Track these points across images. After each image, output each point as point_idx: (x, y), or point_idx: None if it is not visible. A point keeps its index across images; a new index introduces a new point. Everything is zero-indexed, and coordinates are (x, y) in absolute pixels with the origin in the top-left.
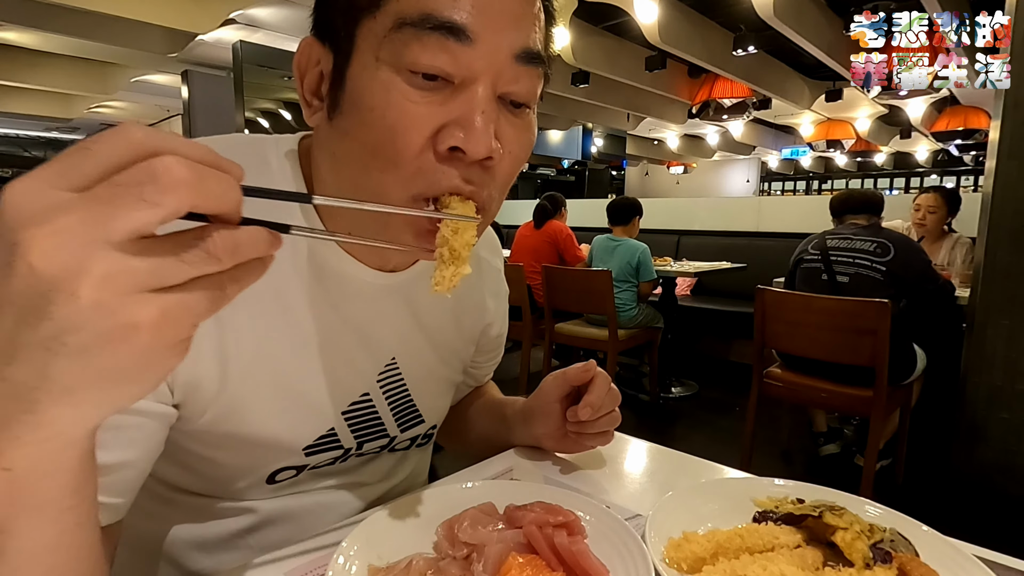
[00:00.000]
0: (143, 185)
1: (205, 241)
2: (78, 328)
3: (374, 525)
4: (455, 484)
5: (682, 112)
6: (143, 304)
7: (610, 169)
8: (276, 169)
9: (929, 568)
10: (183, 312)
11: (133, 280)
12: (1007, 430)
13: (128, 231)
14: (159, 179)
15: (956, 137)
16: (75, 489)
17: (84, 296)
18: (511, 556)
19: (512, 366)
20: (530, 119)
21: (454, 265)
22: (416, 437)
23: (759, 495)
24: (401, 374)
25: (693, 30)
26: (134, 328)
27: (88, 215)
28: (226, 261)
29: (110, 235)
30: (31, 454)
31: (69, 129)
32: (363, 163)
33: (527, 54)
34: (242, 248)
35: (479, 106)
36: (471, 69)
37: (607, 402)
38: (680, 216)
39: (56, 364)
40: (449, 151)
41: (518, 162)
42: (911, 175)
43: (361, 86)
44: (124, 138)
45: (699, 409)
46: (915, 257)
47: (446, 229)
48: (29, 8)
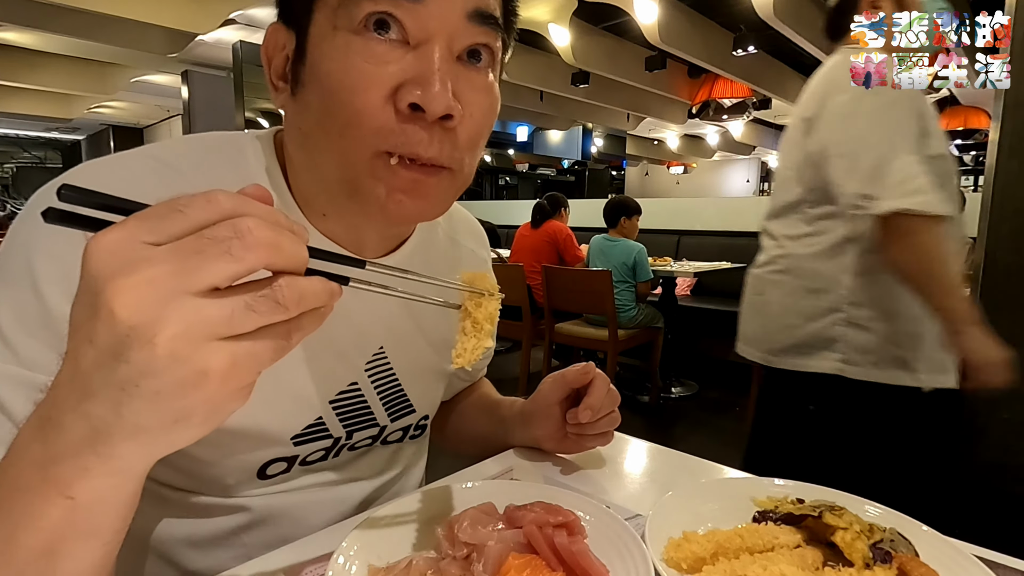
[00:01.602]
0: (230, 240)
1: (274, 292)
2: (153, 374)
3: (374, 525)
4: (455, 484)
5: (682, 112)
6: (214, 352)
7: (610, 169)
8: (253, 161)
9: (929, 568)
10: (250, 360)
11: (207, 329)
12: (1007, 430)
13: (210, 283)
14: (244, 237)
15: (956, 137)
16: (126, 516)
17: (160, 345)
18: (511, 556)
19: (512, 366)
20: (489, 80)
21: (476, 338)
22: (408, 427)
23: (759, 495)
24: (390, 363)
25: (693, 30)
26: (204, 375)
27: (174, 267)
28: (292, 310)
29: (192, 286)
30: (97, 486)
31: (69, 129)
32: (325, 128)
33: (479, 13)
34: (307, 298)
35: (435, 64)
36: (425, 29)
37: (606, 403)
38: (680, 216)
39: (130, 405)
40: (409, 110)
41: (480, 126)
42: None
43: (320, 54)
44: (211, 200)
45: (699, 409)
46: None
47: (469, 302)
48: (29, 8)
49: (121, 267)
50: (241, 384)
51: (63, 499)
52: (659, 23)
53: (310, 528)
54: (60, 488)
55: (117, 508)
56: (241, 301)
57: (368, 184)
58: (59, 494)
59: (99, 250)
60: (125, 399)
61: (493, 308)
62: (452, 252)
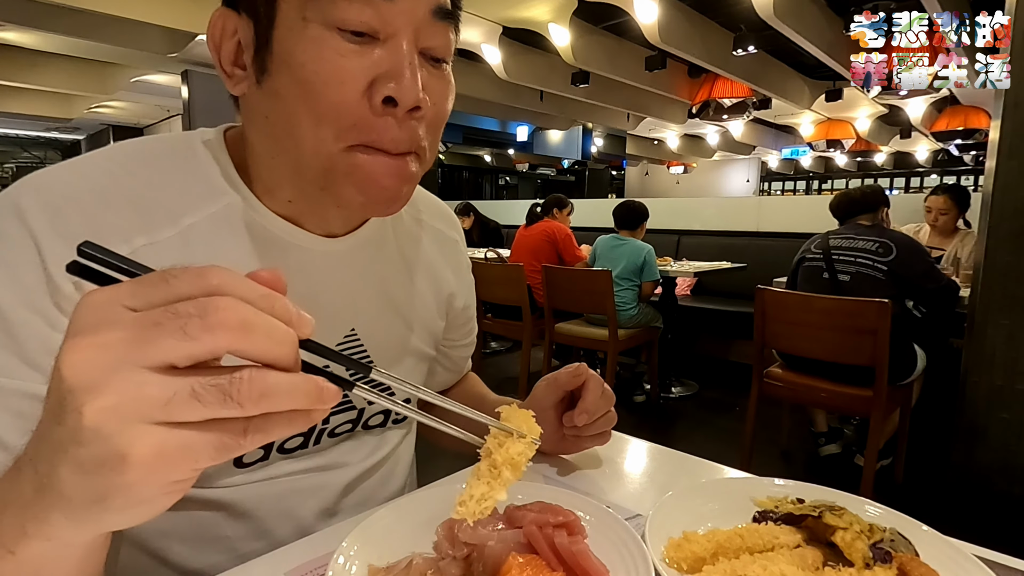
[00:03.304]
0: (190, 318)
1: (230, 382)
2: (77, 443)
3: (374, 525)
4: (455, 484)
5: (682, 112)
6: (140, 436)
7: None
8: (203, 157)
9: (929, 568)
10: (182, 453)
11: (140, 408)
12: (1007, 430)
13: (162, 359)
14: (206, 316)
15: (956, 137)
16: (79, 570)
17: (87, 414)
18: (511, 556)
19: (512, 366)
20: (447, 72)
21: (488, 484)
22: (389, 411)
23: (759, 495)
24: (362, 344)
25: (693, 30)
26: (122, 459)
27: (131, 335)
28: (248, 408)
29: (142, 358)
30: (34, 547)
31: (69, 129)
32: (297, 118)
33: (441, 10)
34: (273, 397)
35: (406, 58)
36: (394, 25)
37: (601, 405)
38: (680, 216)
39: (59, 471)
40: (383, 104)
41: (443, 113)
42: (911, 175)
43: (290, 45)
44: (200, 274)
45: (699, 409)
46: (917, 258)
47: (492, 441)
48: (29, 8)
49: (88, 326)
50: (170, 479)
51: (5, 551)
52: (659, 23)
53: (295, 519)
54: (2, 540)
55: (60, 565)
56: (188, 385)
57: (342, 174)
58: (2, 545)
59: (82, 304)
60: (58, 464)
61: (517, 451)
62: (416, 230)
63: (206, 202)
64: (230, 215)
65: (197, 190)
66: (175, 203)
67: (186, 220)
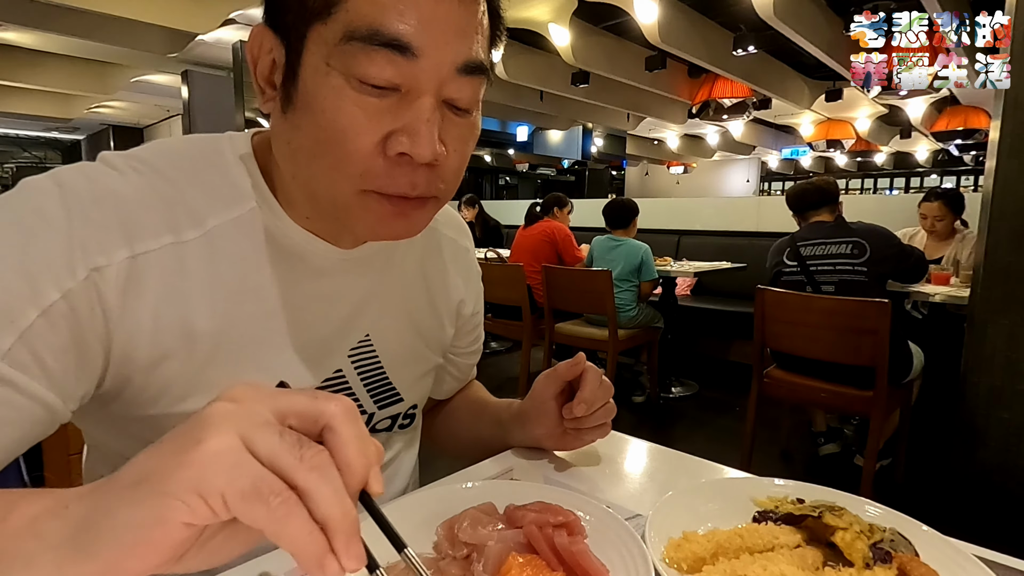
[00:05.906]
0: (283, 498)
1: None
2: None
3: (374, 525)
4: (455, 484)
5: (682, 112)
6: None
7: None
8: (231, 161)
9: (929, 568)
10: None
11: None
12: (1007, 430)
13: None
14: (291, 504)
15: (956, 137)
16: None
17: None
18: (511, 556)
19: (512, 366)
20: (473, 120)
21: None
22: (396, 416)
23: (759, 495)
24: (375, 350)
25: (693, 30)
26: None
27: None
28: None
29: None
30: None
31: (69, 129)
32: (314, 156)
33: (469, 66)
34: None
35: (424, 115)
36: (417, 80)
37: (600, 395)
38: (680, 216)
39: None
40: (397, 155)
41: (463, 157)
42: (911, 175)
43: (313, 88)
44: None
45: (699, 409)
46: (887, 243)
47: None
48: (29, 8)
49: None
50: None
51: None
52: (659, 23)
53: None
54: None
55: None
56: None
57: (356, 212)
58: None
59: (219, 404)
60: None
61: None
62: (428, 238)
63: (230, 206)
64: (252, 220)
65: (223, 194)
66: (201, 205)
67: (210, 222)
